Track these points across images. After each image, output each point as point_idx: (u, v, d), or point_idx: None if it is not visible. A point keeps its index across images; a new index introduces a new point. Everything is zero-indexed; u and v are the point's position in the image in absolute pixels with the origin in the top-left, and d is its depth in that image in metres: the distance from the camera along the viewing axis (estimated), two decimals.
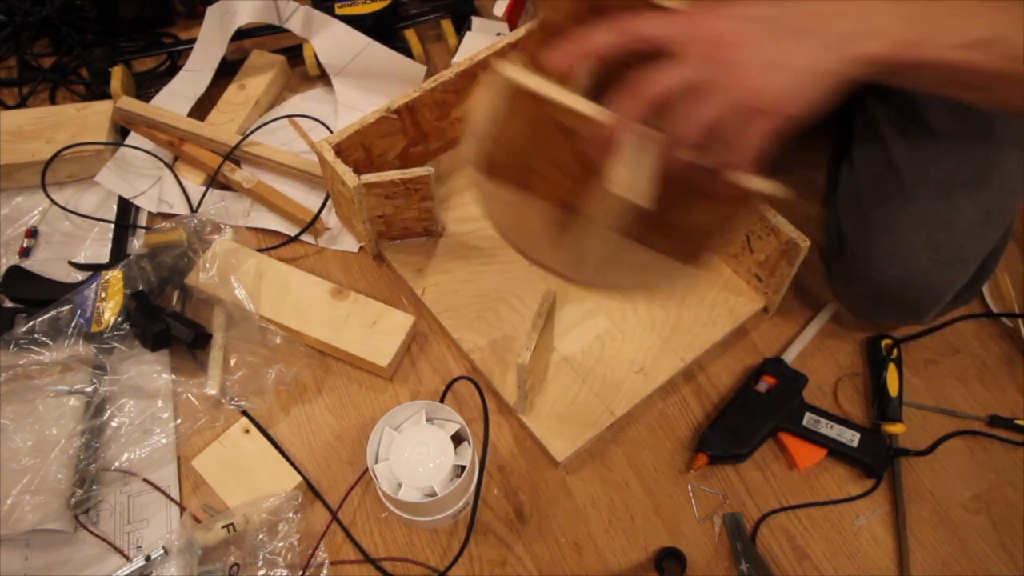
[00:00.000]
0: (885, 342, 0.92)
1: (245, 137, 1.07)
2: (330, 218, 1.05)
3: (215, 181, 1.07)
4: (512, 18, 1.21)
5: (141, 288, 0.92)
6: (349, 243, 1.03)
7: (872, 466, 0.84)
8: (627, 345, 0.92)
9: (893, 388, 0.89)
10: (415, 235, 1.00)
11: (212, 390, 0.90)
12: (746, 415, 0.86)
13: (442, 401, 0.85)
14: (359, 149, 0.96)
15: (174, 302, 0.95)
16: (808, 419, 0.86)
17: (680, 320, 0.93)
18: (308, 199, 1.05)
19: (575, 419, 0.87)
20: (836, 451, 0.85)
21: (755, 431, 0.85)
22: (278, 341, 0.91)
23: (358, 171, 0.90)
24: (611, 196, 0.51)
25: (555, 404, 0.88)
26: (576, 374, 0.90)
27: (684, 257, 0.60)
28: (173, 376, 0.91)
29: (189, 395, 0.90)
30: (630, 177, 0.50)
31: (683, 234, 0.57)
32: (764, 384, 0.88)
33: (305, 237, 1.03)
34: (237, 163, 1.08)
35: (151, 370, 0.91)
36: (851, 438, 0.85)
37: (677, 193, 0.52)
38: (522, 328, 0.92)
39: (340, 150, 0.93)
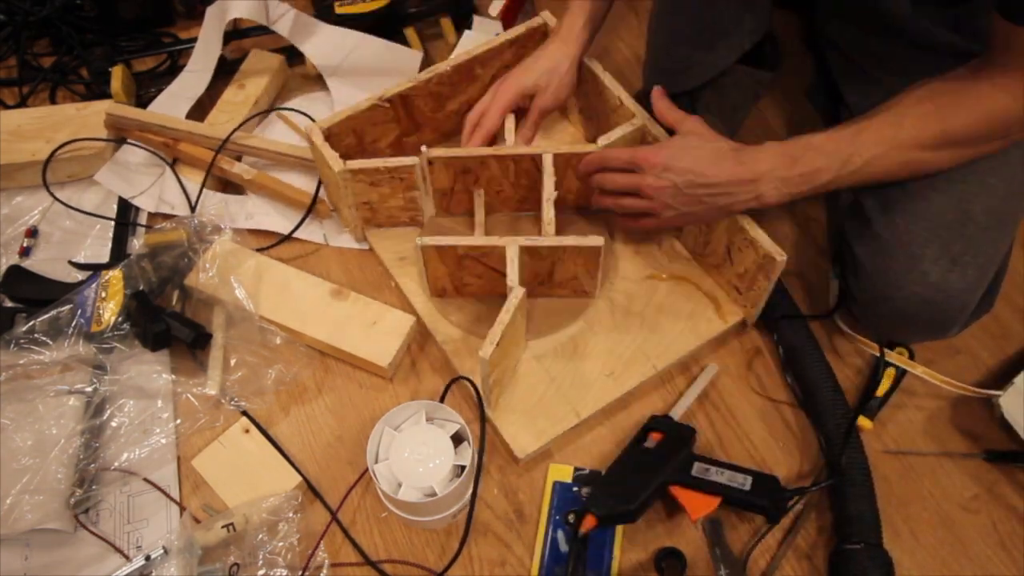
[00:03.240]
0: (900, 348, 0.93)
1: (237, 128, 1.06)
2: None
3: (216, 180, 1.07)
4: (507, 19, 1.21)
5: (141, 288, 0.92)
6: (352, 241, 1.03)
7: (767, 508, 0.81)
8: (600, 348, 0.91)
9: (881, 389, 0.90)
10: (401, 224, 1.00)
11: (212, 390, 0.90)
12: (634, 473, 0.83)
13: (442, 401, 0.85)
14: (350, 135, 0.96)
15: (174, 302, 0.95)
16: (697, 468, 0.82)
17: (657, 328, 0.92)
18: (310, 187, 1.05)
19: (540, 417, 0.87)
20: (731, 498, 0.81)
21: (642, 488, 0.81)
22: (278, 341, 0.91)
23: (349, 157, 0.91)
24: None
25: (522, 401, 0.88)
26: (546, 373, 0.90)
27: (578, 294, 0.94)
28: (173, 376, 0.91)
29: (189, 395, 0.90)
30: (513, 274, 0.84)
31: (568, 281, 0.92)
32: (651, 441, 0.85)
33: (309, 224, 1.03)
34: (238, 159, 1.08)
35: (151, 370, 0.91)
36: (743, 482, 0.81)
37: (551, 262, 0.89)
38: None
39: (330, 135, 0.93)
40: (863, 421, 0.89)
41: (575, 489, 0.85)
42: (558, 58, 0.95)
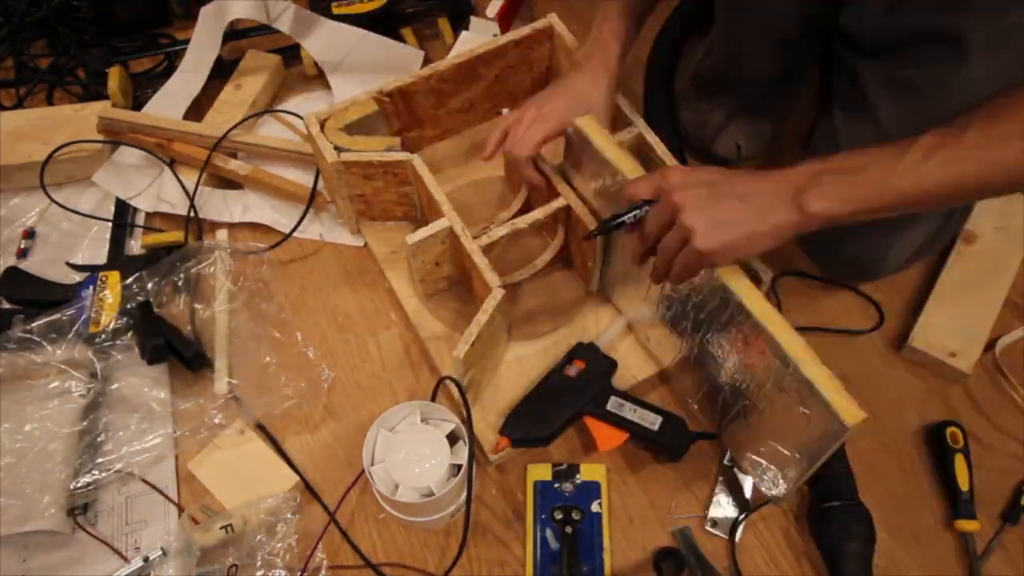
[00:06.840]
0: (951, 430, 0.86)
1: (234, 127, 1.06)
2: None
3: (213, 180, 1.07)
4: (505, 20, 1.21)
5: (144, 300, 0.92)
6: (348, 236, 1.03)
7: (671, 449, 0.85)
8: None
9: (963, 482, 0.83)
10: (395, 218, 1.00)
11: (217, 390, 0.89)
12: (552, 399, 0.85)
13: (432, 401, 0.85)
14: None
15: (164, 300, 0.95)
16: (612, 403, 0.84)
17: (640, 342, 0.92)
18: (306, 183, 1.05)
19: None
20: (638, 435, 0.84)
21: (558, 416, 0.84)
22: (277, 336, 0.91)
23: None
24: None
25: (499, 402, 0.88)
26: (527, 375, 0.89)
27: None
28: (171, 377, 0.91)
29: (187, 396, 0.90)
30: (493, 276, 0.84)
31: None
32: (574, 368, 0.87)
33: (306, 222, 1.03)
34: (233, 156, 1.08)
35: (149, 371, 0.91)
36: (652, 422, 0.84)
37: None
38: None
39: (327, 126, 0.93)
40: (971, 524, 0.82)
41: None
42: (598, 93, 0.89)
